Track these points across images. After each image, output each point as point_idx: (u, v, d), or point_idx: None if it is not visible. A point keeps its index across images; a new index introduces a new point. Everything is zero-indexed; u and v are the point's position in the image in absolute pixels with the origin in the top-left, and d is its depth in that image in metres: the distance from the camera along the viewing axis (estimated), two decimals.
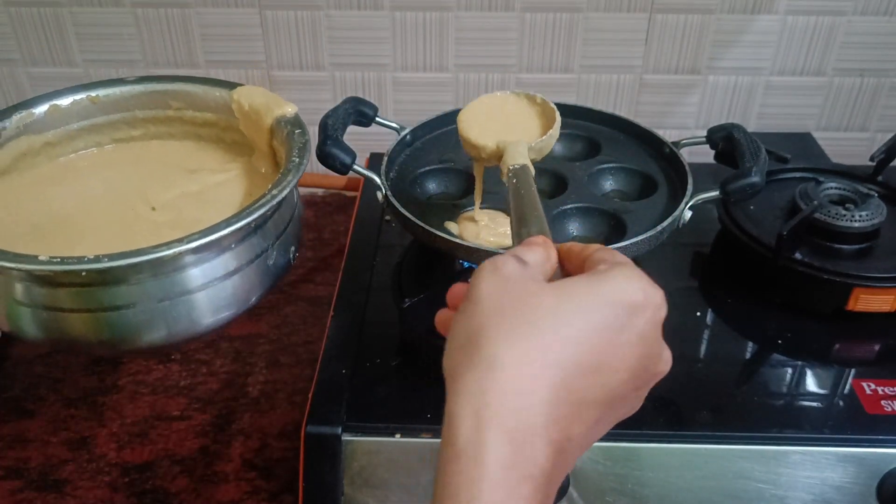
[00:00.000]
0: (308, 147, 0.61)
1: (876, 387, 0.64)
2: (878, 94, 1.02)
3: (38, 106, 0.65)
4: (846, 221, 0.73)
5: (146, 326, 0.54)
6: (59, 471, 0.66)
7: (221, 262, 0.55)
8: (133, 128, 0.70)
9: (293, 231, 0.63)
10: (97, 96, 0.68)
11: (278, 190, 0.55)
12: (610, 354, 0.35)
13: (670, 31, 0.97)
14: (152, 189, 0.64)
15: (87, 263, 0.48)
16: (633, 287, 0.36)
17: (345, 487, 0.60)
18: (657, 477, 0.60)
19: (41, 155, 0.66)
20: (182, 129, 0.70)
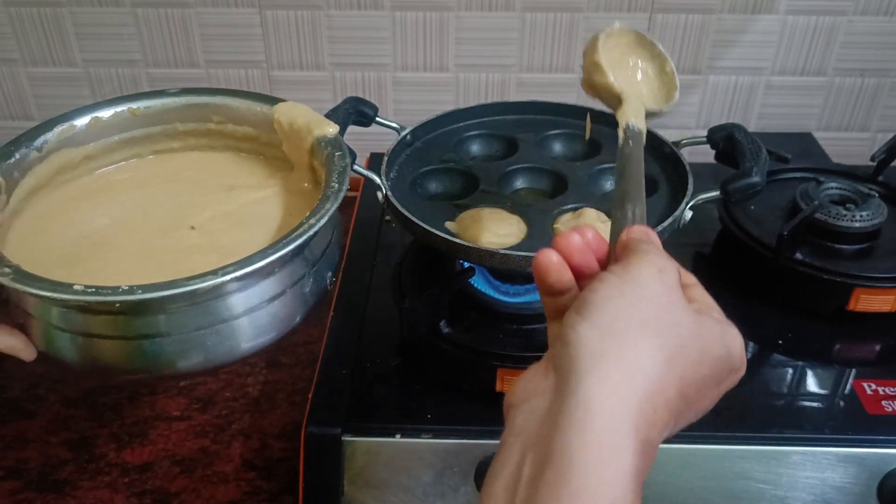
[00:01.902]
0: (347, 171, 0.59)
1: (877, 387, 0.64)
2: (879, 93, 1.02)
3: (79, 118, 0.65)
4: (847, 221, 0.73)
5: (182, 354, 0.54)
6: (59, 471, 0.66)
7: (257, 291, 0.55)
8: (173, 140, 0.69)
9: (330, 257, 0.62)
10: (138, 109, 0.67)
11: (316, 219, 0.54)
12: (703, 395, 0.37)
13: (671, 31, 0.97)
14: (190, 207, 0.64)
15: (120, 294, 0.47)
16: (742, 352, 0.40)
17: (345, 488, 0.60)
18: (657, 477, 0.60)
19: (80, 168, 0.66)
20: (222, 142, 0.69)
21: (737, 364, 0.39)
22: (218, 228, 0.62)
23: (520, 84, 1.01)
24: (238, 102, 0.68)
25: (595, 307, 0.36)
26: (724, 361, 0.38)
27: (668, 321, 0.36)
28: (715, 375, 0.38)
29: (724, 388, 0.39)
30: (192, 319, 0.53)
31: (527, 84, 1.00)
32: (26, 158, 0.61)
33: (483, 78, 1.00)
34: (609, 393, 0.34)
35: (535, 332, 0.66)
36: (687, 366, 0.36)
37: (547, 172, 0.73)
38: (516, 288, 0.69)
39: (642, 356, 0.35)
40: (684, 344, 0.36)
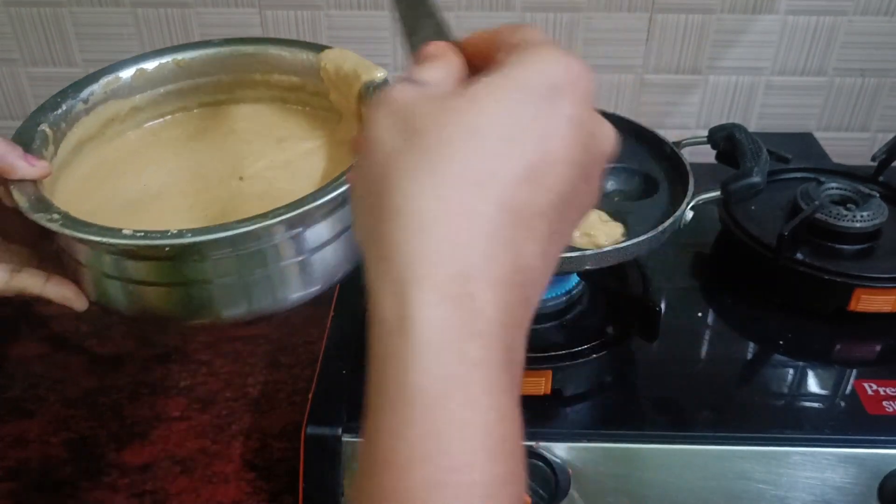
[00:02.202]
0: None
1: (877, 387, 0.64)
2: (880, 93, 1.02)
3: (125, 70, 0.64)
4: (847, 222, 0.73)
5: (230, 301, 0.53)
6: (58, 471, 0.66)
7: (307, 237, 0.53)
8: (219, 91, 0.68)
9: None
10: (183, 59, 0.66)
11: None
12: (542, 153, 0.28)
13: (671, 31, 0.97)
14: (238, 159, 0.63)
15: (169, 238, 0.47)
16: (549, 67, 0.29)
17: (345, 488, 0.60)
18: (658, 478, 0.59)
19: (128, 121, 0.65)
20: (269, 93, 0.68)
21: (553, 81, 0.29)
22: (266, 179, 0.61)
23: None
24: (283, 51, 0.66)
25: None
26: (530, 101, 0.29)
27: (432, 138, 0.28)
28: (520, 114, 0.28)
29: (567, 112, 0.29)
30: (240, 266, 0.52)
31: None
32: (73, 110, 0.60)
33: None
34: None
35: (535, 332, 0.66)
36: (483, 160, 0.28)
37: None
38: None
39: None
40: (457, 144, 0.28)
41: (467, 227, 0.27)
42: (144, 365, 0.76)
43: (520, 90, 0.29)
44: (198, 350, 0.77)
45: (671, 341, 0.69)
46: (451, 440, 0.26)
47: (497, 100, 0.29)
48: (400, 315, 0.27)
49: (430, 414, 0.26)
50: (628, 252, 0.61)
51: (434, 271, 0.27)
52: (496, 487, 0.26)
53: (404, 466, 0.26)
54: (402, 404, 0.27)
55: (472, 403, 0.27)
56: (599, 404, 0.64)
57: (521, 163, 0.28)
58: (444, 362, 0.26)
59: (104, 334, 0.79)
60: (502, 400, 0.27)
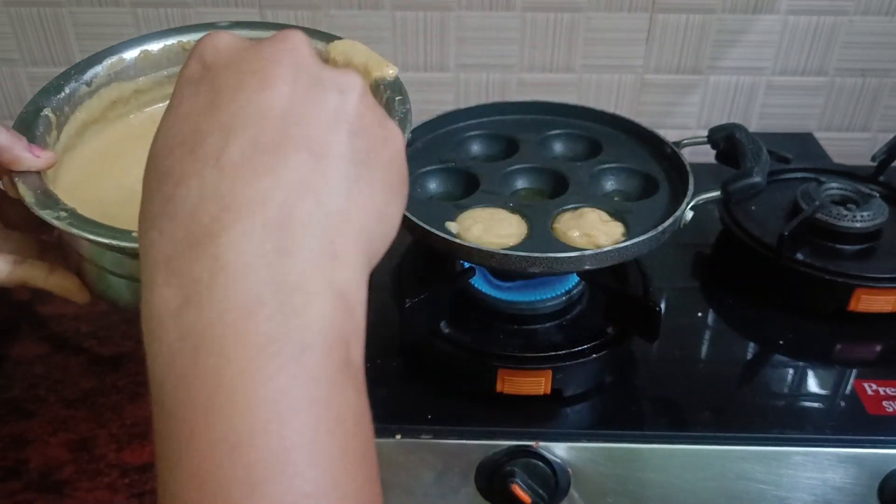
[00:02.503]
0: (409, 118, 0.56)
1: (878, 387, 0.64)
2: (880, 94, 1.02)
3: (129, 51, 0.63)
4: (848, 222, 0.73)
5: None
6: (58, 472, 0.66)
7: None
8: None
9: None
10: (189, 42, 0.65)
11: None
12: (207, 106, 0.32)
13: (671, 31, 0.97)
14: None
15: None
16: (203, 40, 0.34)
17: None
18: (658, 478, 0.59)
19: (131, 103, 0.64)
20: None
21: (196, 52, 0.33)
22: None
23: (520, 84, 1.00)
24: None
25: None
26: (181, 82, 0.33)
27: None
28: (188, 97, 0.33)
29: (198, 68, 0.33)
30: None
31: (527, 84, 1.00)
32: (77, 93, 0.60)
33: (483, 78, 1.00)
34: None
35: (535, 332, 0.66)
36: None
37: (547, 172, 0.73)
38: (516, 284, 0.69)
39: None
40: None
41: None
42: (144, 365, 0.75)
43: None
44: None
45: (671, 341, 0.69)
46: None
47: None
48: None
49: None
50: (628, 252, 0.61)
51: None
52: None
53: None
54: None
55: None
56: (599, 404, 0.64)
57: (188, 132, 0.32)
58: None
59: (104, 334, 0.79)
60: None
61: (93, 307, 0.80)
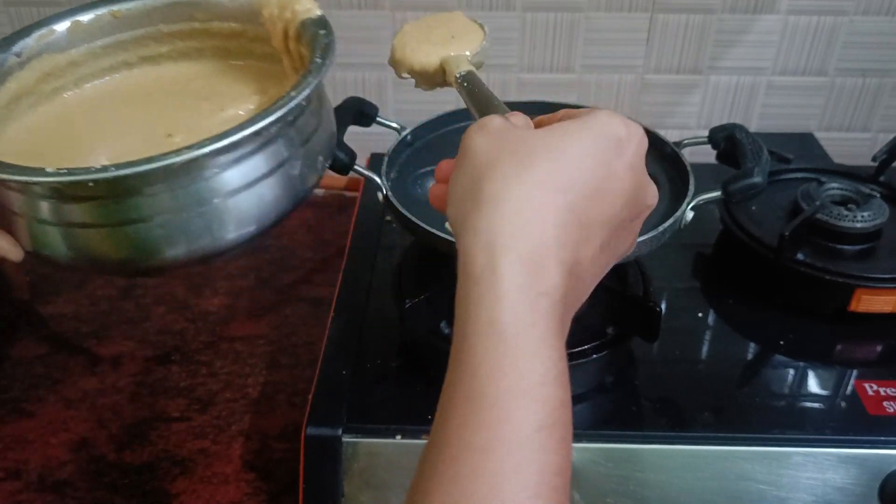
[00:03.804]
0: (332, 47, 0.58)
1: (878, 388, 0.64)
2: (881, 94, 1.02)
3: (59, 22, 0.63)
4: (848, 222, 0.73)
5: (167, 240, 0.52)
6: (58, 472, 0.66)
7: (240, 171, 0.52)
8: (160, 43, 0.67)
9: (321, 139, 0.60)
10: (119, 10, 0.65)
11: (297, 91, 0.52)
12: (606, 180, 0.37)
13: (672, 31, 0.97)
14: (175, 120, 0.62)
15: (94, 173, 0.46)
16: (616, 122, 0.39)
17: (345, 489, 0.60)
18: (658, 478, 0.59)
19: (67, 76, 0.64)
20: (210, 43, 0.68)
21: (619, 133, 0.38)
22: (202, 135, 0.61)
23: (520, 84, 1.00)
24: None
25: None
26: (595, 135, 0.38)
27: (522, 149, 0.37)
28: (595, 148, 0.37)
29: (628, 160, 0.38)
30: (173, 202, 0.51)
31: (527, 84, 1.00)
32: (5, 63, 0.59)
33: (483, 78, 1.00)
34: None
35: None
36: (562, 173, 0.36)
37: None
38: None
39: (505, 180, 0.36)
40: (542, 156, 0.37)
41: (543, 217, 0.35)
42: (144, 365, 0.76)
43: (593, 132, 0.38)
44: (198, 351, 0.77)
45: (672, 342, 0.69)
46: (528, 363, 0.33)
47: (574, 134, 0.38)
48: (489, 271, 0.34)
49: (510, 342, 0.33)
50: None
51: (516, 243, 0.34)
52: (561, 407, 0.34)
53: (489, 376, 0.33)
54: (487, 335, 0.33)
55: (542, 341, 0.34)
56: (600, 404, 0.64)
57: (589, 182, 0.36)
58: (521, 308, 0.34)
59: (104, 334, 0.79)
60: (561, 346, 0.35)
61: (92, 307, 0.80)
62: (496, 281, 0.34)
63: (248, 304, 0.83)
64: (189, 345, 0.78)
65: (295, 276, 0.88)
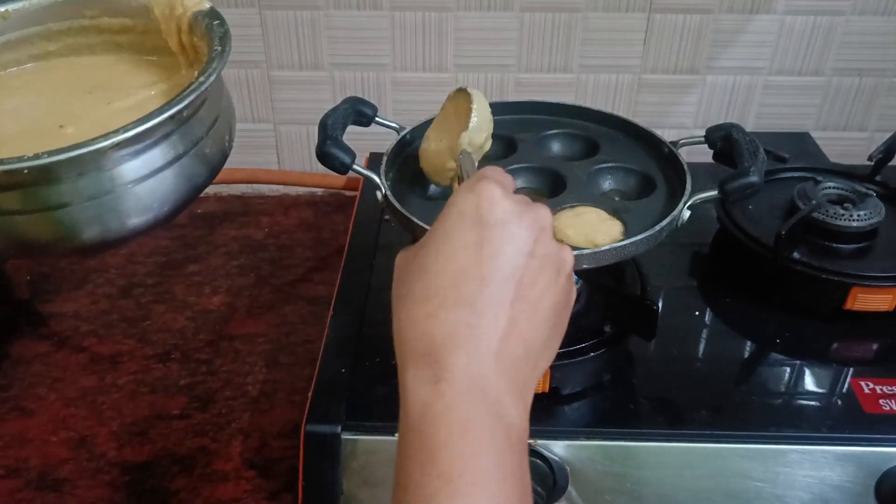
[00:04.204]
0: (229, 36, 0.61)
1: (874, 386, 0.64)
2: (877, 93, 1.02)
3: None
4: (844, 221, 0.73)
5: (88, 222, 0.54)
6: (58, 470, 0.66)
7: (157, 154, 0.55)
8: (49, 42, 0.68)
9: (226, 119, 0.63)
10: (7, 11, 0.66)
11: (205, 77, 0.55)
12: (470, 249, 0.43)
13: (669, 31, 0.97)
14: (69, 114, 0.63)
15: (27, 161, 0.48)
16: (462, 201, 0.44)
17: (344, 486, 0.60)
18: (656, 476, 0.60)
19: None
20: (100, 38, 0.68)
21: (461, 210, 0.44)
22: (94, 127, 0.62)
23: (518, 84, 1.01)
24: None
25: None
26: (451, 227, 0.43)
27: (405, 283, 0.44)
28: (455, 240, 0.43)
29: (469, 219, 0.43)
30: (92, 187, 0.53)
31: (525, 84, 1.01)
32: None
33: (482, 78, 1.00)
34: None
35: None
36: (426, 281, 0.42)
37: (545, 172, 0.73)
38: None
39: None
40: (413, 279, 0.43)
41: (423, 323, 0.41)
42: (144, 364, 0.76)
43: (442, 227, 0.45)
44: (197, 349, 0.77)
45: (669, 340, 0.69)
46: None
47: (429, 241, 0.45)
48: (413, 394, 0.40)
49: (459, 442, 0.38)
50: (626, 251, 0.61)
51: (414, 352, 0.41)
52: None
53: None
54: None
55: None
56: (597, 402, 0.64)
57: (457, 267, 0.42)
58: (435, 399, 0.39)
59: (104, 333, 0.79)
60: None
61: (92, 306, 0.80)
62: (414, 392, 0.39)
63: (248, 303, 0.83)
64: (189, 343, 0.78)
65: (294, 275, 0.88)
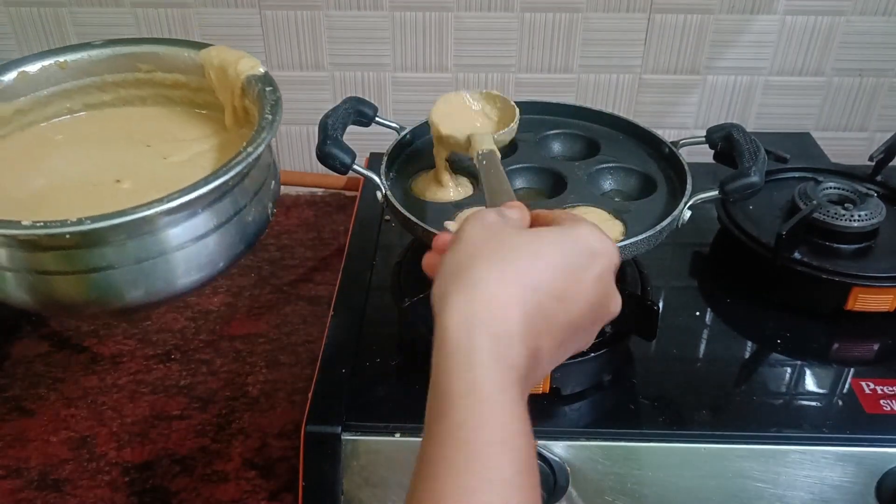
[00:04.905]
0: (280, 104, 0.61)
1: (875, 386, 0.64)
2: (877, 93, 1.02)
3: (7, 73, 0.65)
4: (845, 221, 0.73)
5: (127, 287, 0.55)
6: (59, 470, 0.66)
7: (201, 221, 0.56)
8: (104, 92, 0.69)
9: (270, 187, 0.64)
10: (65, 62, 0.67)
11: (253, 147, 0.55)
12: (574, 287, 0.42)
13: (669, 32, 0.97)
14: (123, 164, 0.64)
15: (70, 226, 0.48)
16: (594, 237, 0.44)
17: (344, 486, 0.60)
18: (656, 476, 0.60)
19: (12, 123, 0.66)
20: (152, 91, 0.70)
21: (594, 248, 0.43)
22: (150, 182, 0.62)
23: (518, 84, 1.01)
24: (165, 49, 0.68)
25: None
26: (573, 245, 0.43)
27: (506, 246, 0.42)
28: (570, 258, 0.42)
29: (597, 272, 0.43)
30: (136, 251, 0.54)
31: (525, 84, 1.01)
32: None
33: (482, 78, 1.00)
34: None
35: None
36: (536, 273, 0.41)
37: (546, 172, 0.73)
38: None
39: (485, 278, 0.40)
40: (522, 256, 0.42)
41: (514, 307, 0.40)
42: (144, 364, 0.76)
43: (570, 242, 0.43)
44: (198, 349, 0.77)
45: (669, 340, 0.69)
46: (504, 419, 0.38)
47: (554, 241, 0.43)
48: (466, 344, 0.39)
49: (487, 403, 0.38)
50: (626, 251, 0.61)
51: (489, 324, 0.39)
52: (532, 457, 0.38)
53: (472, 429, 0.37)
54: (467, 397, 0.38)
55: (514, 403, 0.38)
56: (598, 403, 0.64)
57: (558, 286, 0.41)
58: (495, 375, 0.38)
59: (105, 333, 0.79)
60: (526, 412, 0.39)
61: None
62: (472, 352, 0.38)
63: (248, 303, 0.83)
64: (189, 343, 0.78)
65: (295, 275, 0.88)
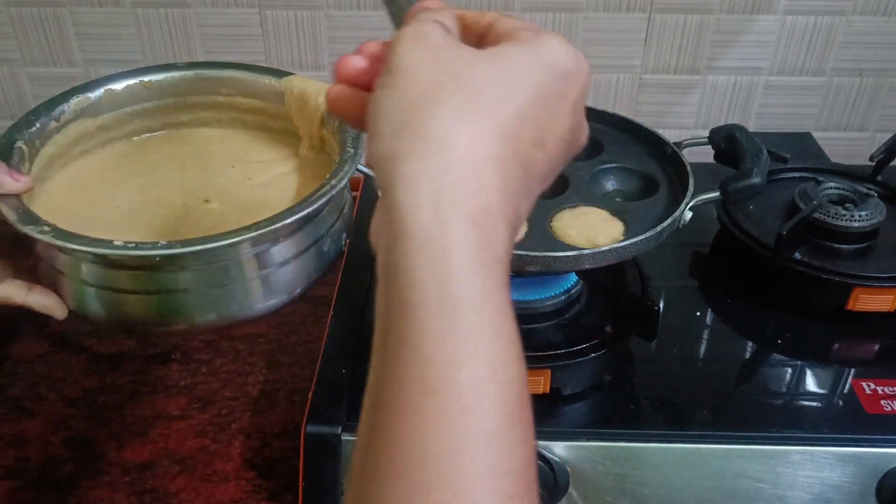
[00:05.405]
0: (361, 138, 0.62)
1: (875, 386, 0.64)
2: (878, 93, 1.02)
3: (94, 90, 0.67)
4: (845, 221, 0.73)
5: (200, 309, 0.56)
6: (59, 470, 0.66)
7: (280, 250, 0.57)
8: (183, 112, 0.71)
9: (345, 219, 0.65)
10: (150, 81, 0.69)
11: (337, 180, 0.57)
12: (550, 124, 0.34)
13: (670, 31, 0.97)
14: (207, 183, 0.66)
15: (160, 249, 0.50)
16: (568, 54, 0.34)
17: (344, 486, 0.60)
18: (656, 476, 0.60)
19: (95, 139, 0.68)
20: (230, 114, 0.71)
21: (569, 67, 0.34)
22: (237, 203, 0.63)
23: None
24: (247, 76, 0.70)
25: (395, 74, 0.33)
26: (548, 71, 0.33)
27: (465, 80, 0.32)
28: (546, 88, 0.33)
29: (573, 98, 0.34)
30: (215, 276, 0.55)
31: None
32: (46, 128, 0.63)
33: None
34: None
35: (534, 331, 0.66)
36: (509, 114, 0.32)
37: None
38: (515, 283, 0.69)
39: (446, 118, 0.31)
40: (489, 92, 0.32)
41: (490, 168, 0.31)
42: (144, 364, 0.76)
43: (544, 64, 0.33)
44: (198, 349, 0.77)
45: (670, 340, 0.69)
46: (490, 343, 0.29)
47: (524, 68, 0.33)
48: (437, 232, 0.29)
49: (468, 321, 0.29)
50: (627, 251, 0.61)
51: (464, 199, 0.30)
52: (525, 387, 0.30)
53: (447, 364, 0.28)
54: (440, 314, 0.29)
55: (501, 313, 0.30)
56: (598, 403, 0.64)
57: (537, 124, 0.33)
58: (477, 278, 0.29)
59: (105, 333, 0.79)
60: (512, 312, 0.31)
61: None
62: (446, 245, 0.29)
63: None
64: (189, 343, 0.78)
65: None
